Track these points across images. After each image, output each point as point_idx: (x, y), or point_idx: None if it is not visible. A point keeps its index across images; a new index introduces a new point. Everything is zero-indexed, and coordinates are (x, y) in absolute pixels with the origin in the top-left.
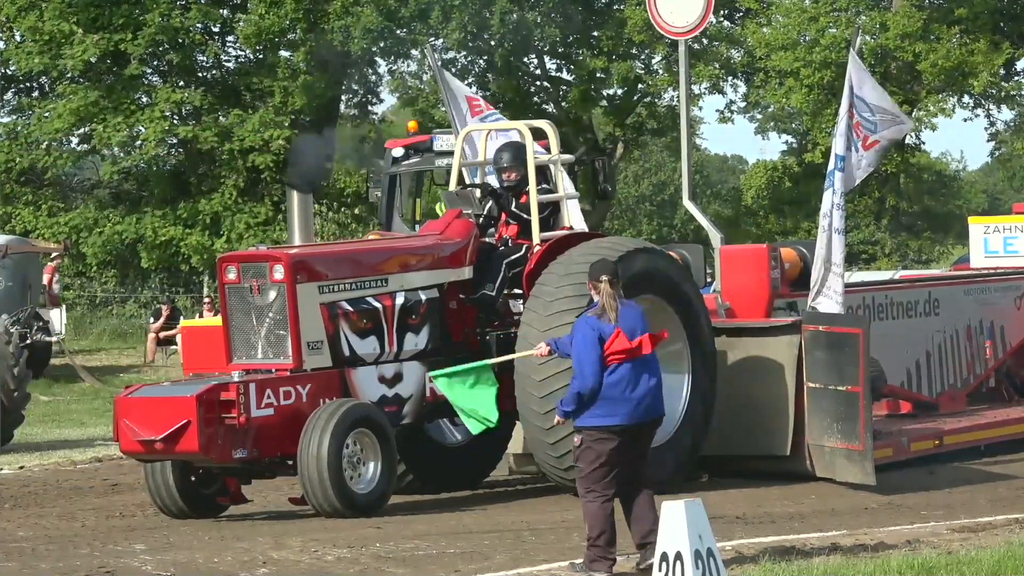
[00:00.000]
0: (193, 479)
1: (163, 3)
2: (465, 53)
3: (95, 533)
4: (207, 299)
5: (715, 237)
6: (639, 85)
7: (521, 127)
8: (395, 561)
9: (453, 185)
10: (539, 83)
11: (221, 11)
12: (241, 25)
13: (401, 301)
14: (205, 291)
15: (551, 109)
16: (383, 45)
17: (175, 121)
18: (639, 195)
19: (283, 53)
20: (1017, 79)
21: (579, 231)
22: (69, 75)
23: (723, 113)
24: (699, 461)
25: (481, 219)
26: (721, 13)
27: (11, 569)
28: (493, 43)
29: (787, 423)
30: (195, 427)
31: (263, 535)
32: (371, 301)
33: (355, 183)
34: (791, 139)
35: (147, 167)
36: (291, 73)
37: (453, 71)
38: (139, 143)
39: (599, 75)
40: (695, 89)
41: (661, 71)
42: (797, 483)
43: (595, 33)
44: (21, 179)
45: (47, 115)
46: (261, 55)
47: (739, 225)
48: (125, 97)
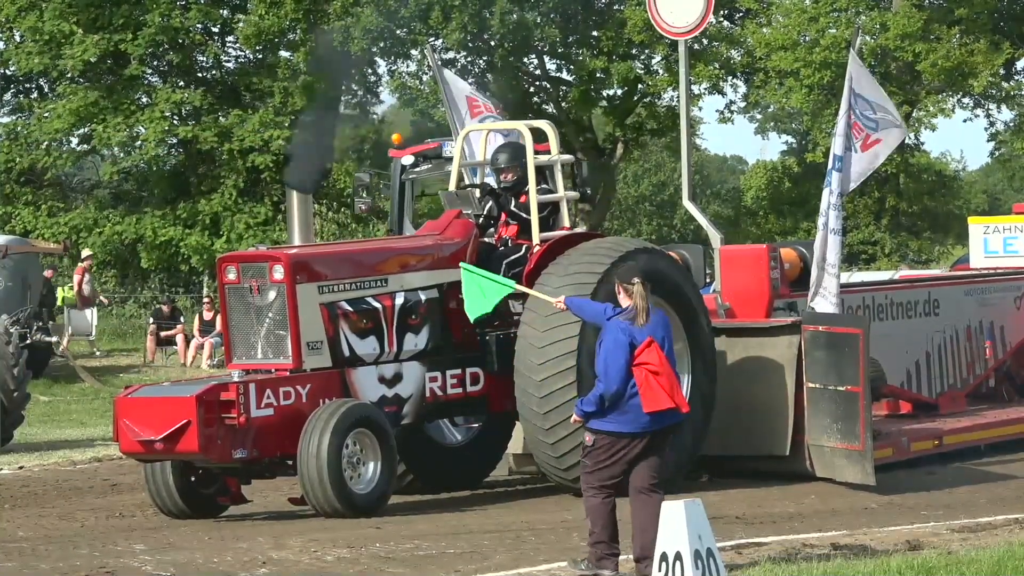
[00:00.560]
0: (193, 479)
1: (163, 3)
2: (465, 53)
3: (95, 533)
4: (207, 299)
5: (715, 237)
6: (639, 85)
7: (521, 127)
8: (395, 561)
9: (453, 185)
10: (539, 83)
11: (221, 11)
12: (241, 25)
13: (401, 301)
14: (205, 291)
15: (551, 109)
16: (383, 45)
17: (175, 121)
18: (639, 195)
19: (283, 53)
20: (1017, 79)
21: (579, 231)
22: (69, 75)
23: (723, 113)
24: (699, 461)
25: (481, 219)
26: (721, 13)
27: (11, 569)
28: (493, 43)
29: (787, 423)
30: (195, 427)
31: (263, 535)
32: (371, 301)
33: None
34: (791, 139)
35: (147, 167)
36: (291, 73)
37: (453, 71)
38: (139, 143)
39: (599, 75)
40: (695, 89)
41: (661, 71)
42: (797, 483)
43: (595, 33)
44: (21, 179)
45: (47, 115)
46: (261, 55)
47: (739, 225)
48: (125, 97)
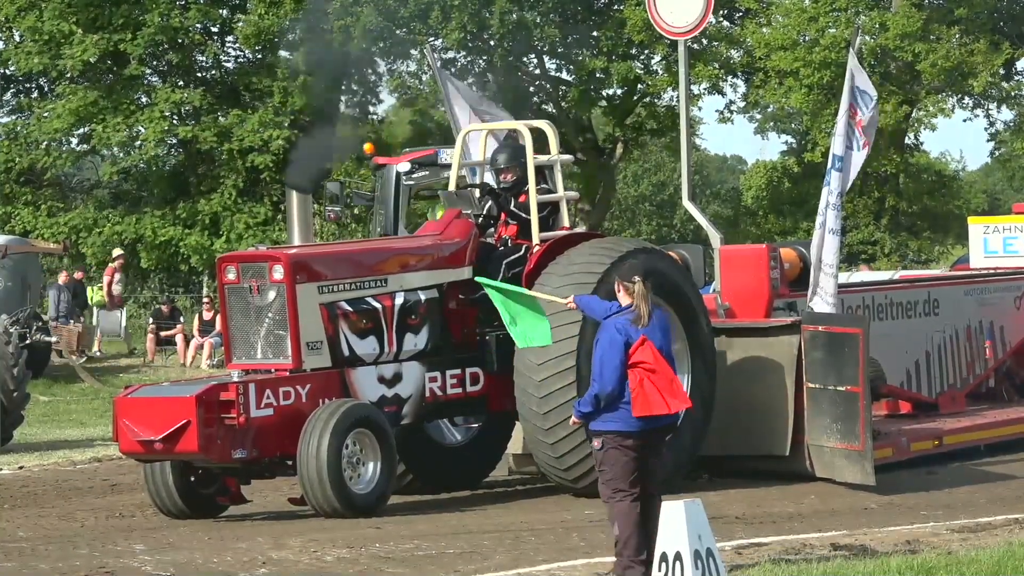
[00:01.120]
0: (193, 479)
1: (163, 3)
2: (465, 53)
3: (95, 533)
4: (206, 299)
5: (715, 237)
6: (639, 85)
7: (521, 127)
8: (395, 561)
9: (452, 185)
10: (539, 83)
11: (220, 11)
12: (240, 25)
13: (400, 301)
14: (205, 291)
15: (551, 109)
16: (383, 45)
17: (175, 121)
18: (639, 195)
19: (282, 53)
20: (1017, 79)
21: (579, 231)
22: (68, 75)
23: (723, 113)
24: (699, 461)
25: (480, 219)
26: (721, 13)
27: (11, 569)
28: (493, 43)
29: (787, 423)
30: (195, 427)
31: (263, 535)
32: (371, 301)
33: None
34: (791, 139)
35: (146, 167)
36: (291, 73)
37: (453, 71)
38: (138, 143)
39: (599, 75)
40: (695, 89)
41: (661, 71)
42: (797, 483)
43: (595, 33)
44: (21, 179)
45: (46, 115)
46: (260, 55)
47: (739, 225)
48: (125, 97)
